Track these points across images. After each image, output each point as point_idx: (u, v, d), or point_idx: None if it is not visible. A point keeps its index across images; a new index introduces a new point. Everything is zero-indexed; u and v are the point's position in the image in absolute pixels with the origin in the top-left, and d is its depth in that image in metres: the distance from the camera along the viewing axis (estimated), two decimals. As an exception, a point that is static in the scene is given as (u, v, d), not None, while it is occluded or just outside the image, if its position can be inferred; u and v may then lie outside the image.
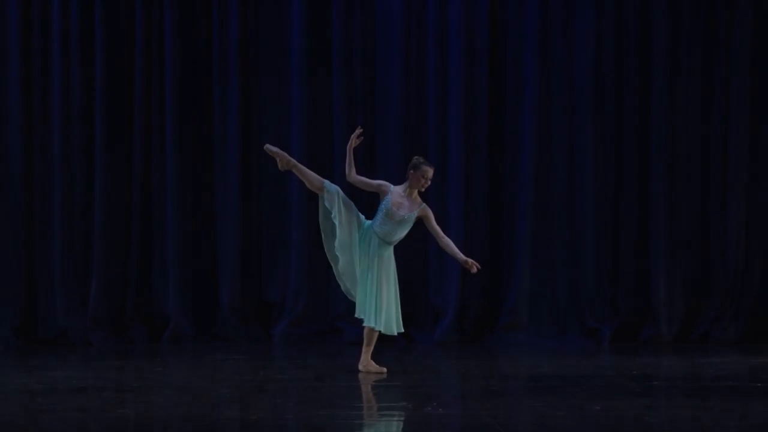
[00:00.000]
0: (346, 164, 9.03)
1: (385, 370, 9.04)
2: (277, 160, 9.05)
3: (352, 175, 9.04)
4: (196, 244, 11.46)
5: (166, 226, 11.28)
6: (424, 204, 9.01)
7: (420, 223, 9.05)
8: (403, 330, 9.20)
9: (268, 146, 9.08)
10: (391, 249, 9.06)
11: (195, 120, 11.45)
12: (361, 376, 8.98)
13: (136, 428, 6.98)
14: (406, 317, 11.45)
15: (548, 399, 7.89)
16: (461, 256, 8.98)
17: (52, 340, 11.20)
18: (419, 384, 8.66)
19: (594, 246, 11.48)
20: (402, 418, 7.16)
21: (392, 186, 9.02)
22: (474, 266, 8.90)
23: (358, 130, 8.98)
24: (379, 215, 8.96)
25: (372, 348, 9.10)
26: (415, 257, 11.48)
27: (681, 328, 11.49)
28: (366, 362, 9.10)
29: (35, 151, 11.32)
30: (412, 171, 8.97)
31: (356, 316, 9.06)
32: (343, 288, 9.11)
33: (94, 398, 8.06)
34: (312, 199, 11.40)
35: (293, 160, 9.06)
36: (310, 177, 9.04)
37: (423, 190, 9.03)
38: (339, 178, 11.30)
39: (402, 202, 8.94)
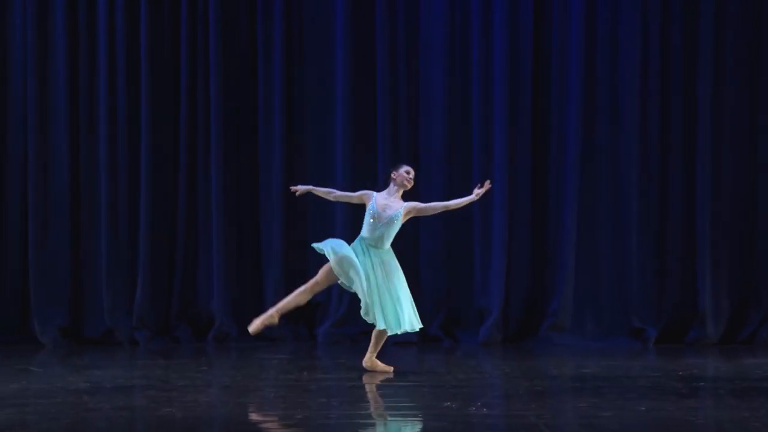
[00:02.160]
0: (321, 195, 9.29)
1: (391, 369, 9.10)
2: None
3: (333, 196, 9.28)
4: (240, 245, 11.51)
5: (211, 227, 11.34)
6: (411, 204, 9.11)
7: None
8: (417, 328, 9.18)
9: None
10: (390, 251, 9.10)
11: (240, 123, 11.50)
12: (366, 375, 8.99)
13: (181, 427, 7.01)
14: (452, 319, 11.51)
15: (593, 399, 7.85)
16: (470, 197, 9.10)
17: (99, 340, 11.29)
18: (464, 384, 8.65)
19: (639, 248, 11.43)
20: (446, 418, 7.15)
21: (375, 193, 9.17)
22: (486, 185, 9.04)
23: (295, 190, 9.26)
24: (366, 222, 9.07)
25: (379, 348, 9.16)
26: (460, 261, 11.48)
27: (727, 330, 11.41)
28: (370, 361, 9.18)
29: (82, 156, 11.41)
30: (393, 172, 9.15)
31: (362, 316, 9.09)
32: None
33: (140, 397, 8.10)
34: (358, 209, 11.46)
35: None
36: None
37: (409, 186, 9.13)
38: (381, 175, 11.37)
39: (387, 204, 9.08)
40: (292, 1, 11.52)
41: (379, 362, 9.22)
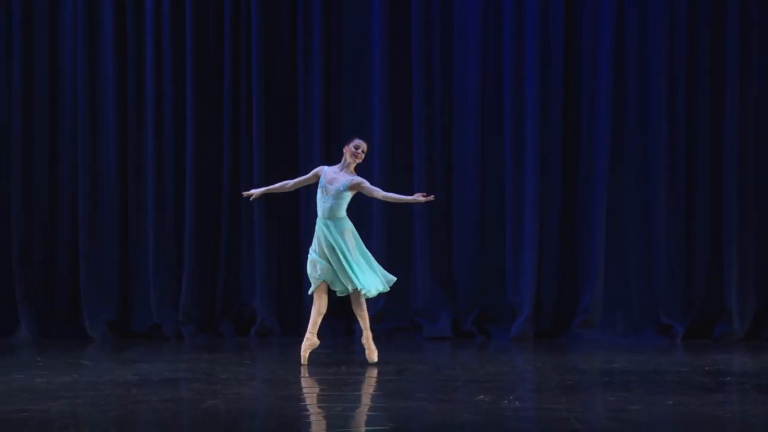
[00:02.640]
0: (277, 190, 9.39)
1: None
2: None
3: (290, 185, 9.33)
4: (281, 243, 11.53)
5: (253, 226, 11.36)
6: (356, 176, 9.08)
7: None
8: (389, 283, 9.21)
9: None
10: (347, 220, 9.11)
11: (280, 123, 11.51)
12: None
13: (225, 418, 7.03)
14: (485, 316, 11.48)
15: (622, 393, 7.82)
16: (408, 198, 9.08)
17: (146, 334, 11.35)
18: (496, 378, 8.63)
19: (667, 246, 11.36)
20: (479, 411, 7.14)
21: (326, 167, 9.17)
22: (425, 197, 8.96)
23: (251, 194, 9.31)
24: (318, 196, 9.10)
25: (367, 321, 9.27)
26: (493, 259, 11.46)
27: (753, 326, 11.32)
28: (367, 338, 9.31)
29: (130, 157, 11.47)
30: (345, 146, 9.12)
31: (339, 294, 9.17)
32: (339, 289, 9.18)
33: (185, 390, 8.14)
34: (393, 207, 11.45)
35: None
36: None
37: (357, 160, 9.08)
38: (417, 175, 11.37)
39: (335, 177, 9.06)
40: (332, 5, 11.52)
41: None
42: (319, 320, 9.27)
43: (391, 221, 11.50)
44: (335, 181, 9.07)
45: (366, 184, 9.09)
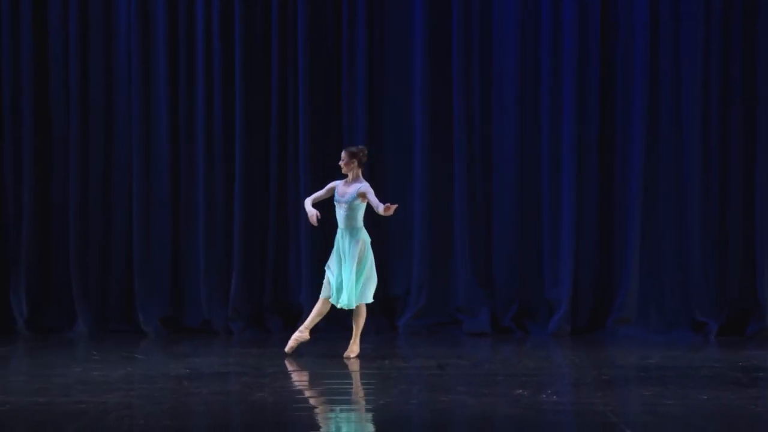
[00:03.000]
0: (310, 208, 9.47)
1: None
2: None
3: (309, 202, 9.53)
4: (327, 241, 11.53)
5: (300, 225, 11.40)
6: (363, 183, 9.31)
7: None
8: (342, 305, 9.34)
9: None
10: (362, 230, 9.37)
11: (325, 126, 11.53)
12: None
13: (273, 410, 7.09)
14: (523, 312, 11.46)
15: (657, 388, 7.80)
16: (378, 206, 9.22)
17: (197, 329, 11.40)
18: (535, 373, 8.63)
19: (701, 245, 11.29)
20: (518, 405, 7.15)
21: (338, 182, 9.42)
22: (392, 208, 9.15)
23: None
24: (336, 209, 9.39)
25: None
26: (531, 258, 11.43)
27: (787, 323, 11.22)
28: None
29: (181, 159, 11.52)
30: (366, 159, 9.45)
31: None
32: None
33: (235, 382, 8.20)
34: (436, 201, 11.49)
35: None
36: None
37: (343, 167, 9.36)
38: (457, 175, 11.37)
39: (345, 190, 9.32)
40: (375, 11, 11.54)
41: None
42: (318, 320, 9.51)
43: (431, 219, 11.50)
44: (346, 194, 9.34)
45: (369, 194, 9.29)
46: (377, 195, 11.54)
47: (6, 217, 11.47)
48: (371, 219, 11.51)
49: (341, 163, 9.40)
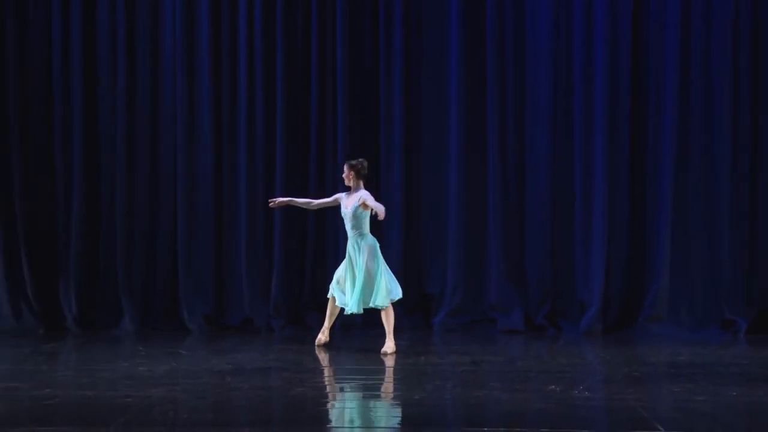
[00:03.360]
0: (301, 205, 10.00)
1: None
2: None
3: (314, 205, 9.98)
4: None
5: (338, 225, 11.40)
6: (363, 192, 9.56)
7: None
8: (352, 311, 9.61)
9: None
10: (367, 241, 9.55)
11: (363, 128, 11.53)
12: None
13: (312, 404, 7.10)
14: (556, 310, 11.41)
15: (687, 385, 7.74)
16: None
17: (239, 327, 11.44)
18: (567, 370, 8.59)
19: (730, 244, 11.20)
20: (550, 401, 7.12)
21: (343, 194, 9.77)
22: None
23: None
24: (366, 221, 9.58)
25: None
26: (563, 257, 11.39)
27: (817, 321, 11.11)
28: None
29: (224, 161, 11.57)
30: (365, 171, 9.71)
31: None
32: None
33: (276, 378, 8.22)
34: (470, 202, 11.46)
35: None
36: None
37: (346, 180, 9.68)
38: (492, 177, 11.34)
39: (348, 202, 9.63)
40: (411, 18, 11.53)
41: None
42: (333, 320, 9.90)
43: (466, 220, 11.48)
44: (349, 206, 9.63)
45: (369, 199, 9.50)
46: (413, 197, 11.58)
47: (56, 219, 11.57)
48: (406, 220, 11.55)
49: (343, 175, 9.74)
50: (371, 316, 11.43)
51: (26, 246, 11.43)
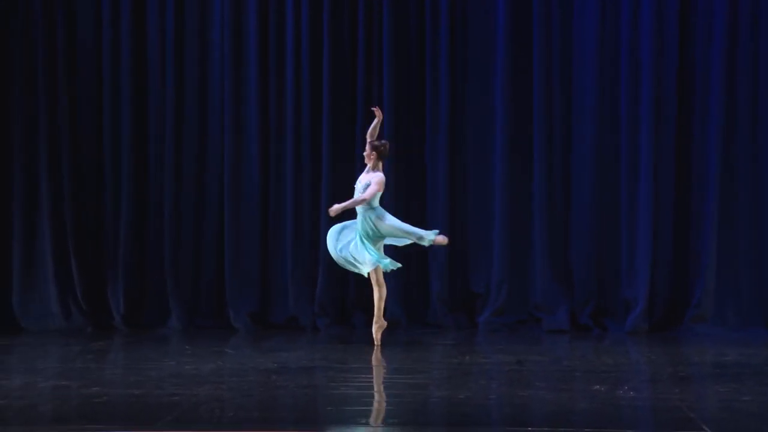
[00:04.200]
0: (354, 206, 9.77)
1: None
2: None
3: (361, 199, 9.77)
4: (409, 241, 11.56)
5: (383, 223, 11.40)
6: (377, 174, 9.71)
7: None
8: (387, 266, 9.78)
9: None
10: (377, 212, 9.72)
11: (409, 129, 11.53)
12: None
13: (356, 403, 7.11)
14: (601, 309, 11.35)
15: (733, 385, 7.67)
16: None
17: (284, 325, 11.48)
18: (612, 369, 8.54)
19: (777, 241, 11.11)
20: (595, 400, 7.08)
21: (382, 175, 9.77)
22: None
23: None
24: (373, 199, 9.70)
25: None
26: (608, 256, 11.32)
27: None
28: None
29: (271, 161, 11.63)
30: (387, 152, 9.86)
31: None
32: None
33: (320, 377, 8.24)
34: (515, 200, 11.43)
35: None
36: None
37: (366, 159, 9.80)
38: (537, 176, 11.30)
39: (362, 177, 9.79)
40: (457, 16, 11.51)
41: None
42: (382, 304, 9.85)
43: (511, 219, 11.45)
44: (361, 182, 9.77)
45: (373, 184, 9.66)
46: (458, 197, 11.54)
47: (105, 219, 11.67)
48: (451, 219, 11.51)
49: (365, 153, 9.81)
50: (416, 314, 11.46)
51: (75, 246, 11.54)
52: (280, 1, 11.58)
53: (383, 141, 9.82)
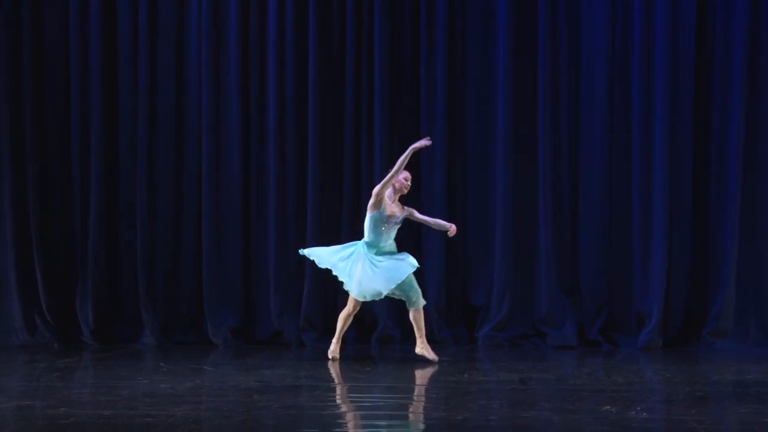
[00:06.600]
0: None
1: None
2: None
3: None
4: (402, 249, 11.55)
5: (375, 231, 11.40)
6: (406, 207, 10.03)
7: None
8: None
9: None
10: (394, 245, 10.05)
11: (402, 133, 11.51)
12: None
13: (346, 426, 7.10)
14: (612, 323, 11.35)
15: (756, 405, 7.67)
16: (445, 223, 10.10)
17: (267, 340, 11.49)
18: (623, 389, 8.55)
19: (802, 251, 11.12)
20: (605, 422, 7.08)
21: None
22: (453, 229, 10.02)
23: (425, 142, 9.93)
24: (371, 227, 9.90)
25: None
26: (619, 266, 11.33)
27: None
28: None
29: (252, 166, 11.63)
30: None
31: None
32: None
33: (306, 396, 8.24)
34: (519, 205, 11.43)
35: None
36: None
37: (406, 191, 10.03)
38: (541, 182, 11.30)
39: (394, 211, 9.94)
40: (456, 14, 11.52)
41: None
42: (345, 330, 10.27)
43: (514, 224, 11.45)
44: (393, 215, 9.99)
45: (414, 211, 10.11)
46: (457, 203, 11.54)
47: (73, 227, 11.66)
48: (454, 217, 11.50)
49: (409, 185, 10.09)
50: (411, 329, 11.44)
51: (40, 256, 11.52)
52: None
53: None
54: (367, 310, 11.55)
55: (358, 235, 11.61)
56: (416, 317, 9.96)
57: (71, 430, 6.87)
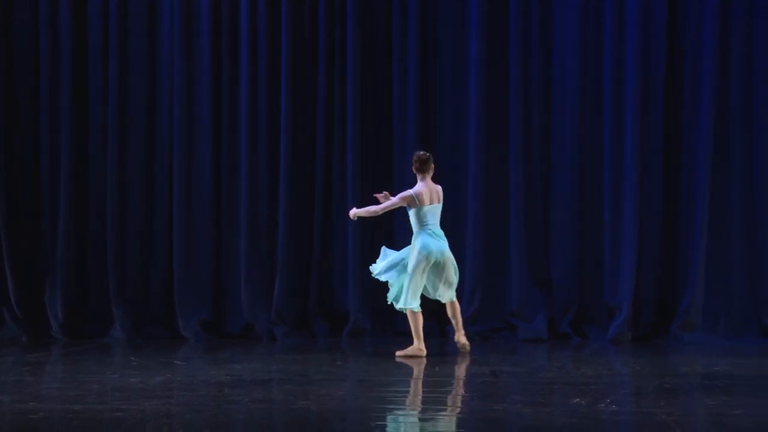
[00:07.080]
0: (369, 215, 10.14)
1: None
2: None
3: (380, 209, 10.06)
4: (374, 243, 11.58)
5: (347, 226, 11.43)
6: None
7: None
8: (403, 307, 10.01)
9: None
10: (413, 239, 10.02)
11: (375, 126, 11.55)
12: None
13: (317, 419, 7.13)
14: (581, 316, 11.42)
15: (724, 397, 7.75)
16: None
17: (239, 334, 11.48)
18: (593, 381, 8.60)
19: (770, 246, 11.22)
20: (575, 415, 7.14)
21: (412, 190, 9.93)
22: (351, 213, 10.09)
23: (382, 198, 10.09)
24: (416, 219, 9.91)
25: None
26: (590, 259, 11.39)
27: None
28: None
29: (223, 159, 11.61)
30: (419, 164, 9.97)
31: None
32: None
33: (277, 390, 8.25)
34: (490, 200, 11.48)
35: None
36: None
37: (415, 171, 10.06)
38: (513, 174, 11.35)
39: (429, 194, 9.94)
40: (428, 7, 11.54)
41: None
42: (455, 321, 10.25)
43: (485, 219, 11.49)
44: (432, 197, 10.04)
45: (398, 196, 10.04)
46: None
47: (41, 219, 11.62)
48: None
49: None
50: (383, 321, 11.48)
51: (8, 249, 11.49)
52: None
53: (419, 153, 10.05)
54: (339, 301, 11.58)
55: (331, 228, 11.66)
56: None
57: (40, 425, 6.86)
